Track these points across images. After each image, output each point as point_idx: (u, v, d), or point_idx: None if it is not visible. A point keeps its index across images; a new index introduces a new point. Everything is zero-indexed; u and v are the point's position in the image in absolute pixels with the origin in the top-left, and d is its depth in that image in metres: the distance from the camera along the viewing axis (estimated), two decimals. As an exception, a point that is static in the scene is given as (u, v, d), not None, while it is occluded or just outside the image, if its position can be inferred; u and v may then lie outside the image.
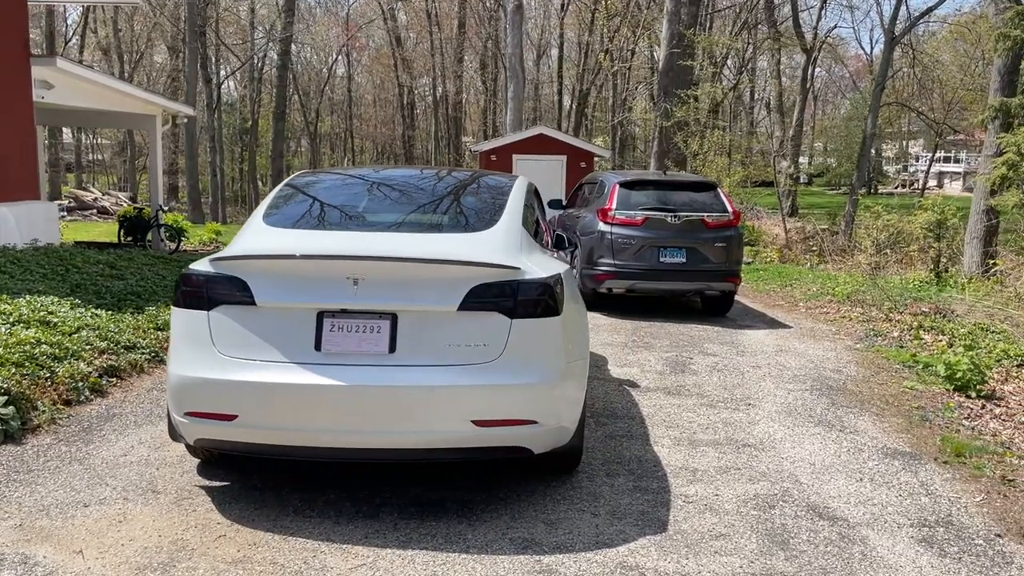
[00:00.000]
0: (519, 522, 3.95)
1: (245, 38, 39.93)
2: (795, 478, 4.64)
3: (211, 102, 35.34)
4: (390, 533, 3.80)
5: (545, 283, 3.91)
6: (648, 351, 8.09)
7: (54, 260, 9.68)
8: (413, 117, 45.62)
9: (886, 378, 7.39)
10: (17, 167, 11.86)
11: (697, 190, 10.68)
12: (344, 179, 5.14)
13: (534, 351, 3.86)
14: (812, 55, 33.25)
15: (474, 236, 4.17)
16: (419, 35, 43.93)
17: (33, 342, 5.74)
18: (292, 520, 3.92)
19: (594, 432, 5.36)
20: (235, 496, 4.18)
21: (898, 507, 4.28)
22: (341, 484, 4.31)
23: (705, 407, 6.08)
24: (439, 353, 3.76)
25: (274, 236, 4.15)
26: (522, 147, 17.43)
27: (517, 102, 22.32)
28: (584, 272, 10.41)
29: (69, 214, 31.40)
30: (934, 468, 4.90)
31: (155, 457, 4.69)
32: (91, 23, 45.28)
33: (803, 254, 19.02)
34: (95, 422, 5.25)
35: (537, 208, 6.12)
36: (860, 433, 5.57)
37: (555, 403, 3.98)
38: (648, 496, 4.32)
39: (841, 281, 13.16)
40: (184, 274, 3.95)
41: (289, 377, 3.70)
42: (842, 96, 64.05)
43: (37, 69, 12.31)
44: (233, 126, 47.37)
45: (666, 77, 22.24)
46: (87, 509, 3.99)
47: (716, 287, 10.26)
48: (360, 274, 3.74)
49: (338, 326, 3.75)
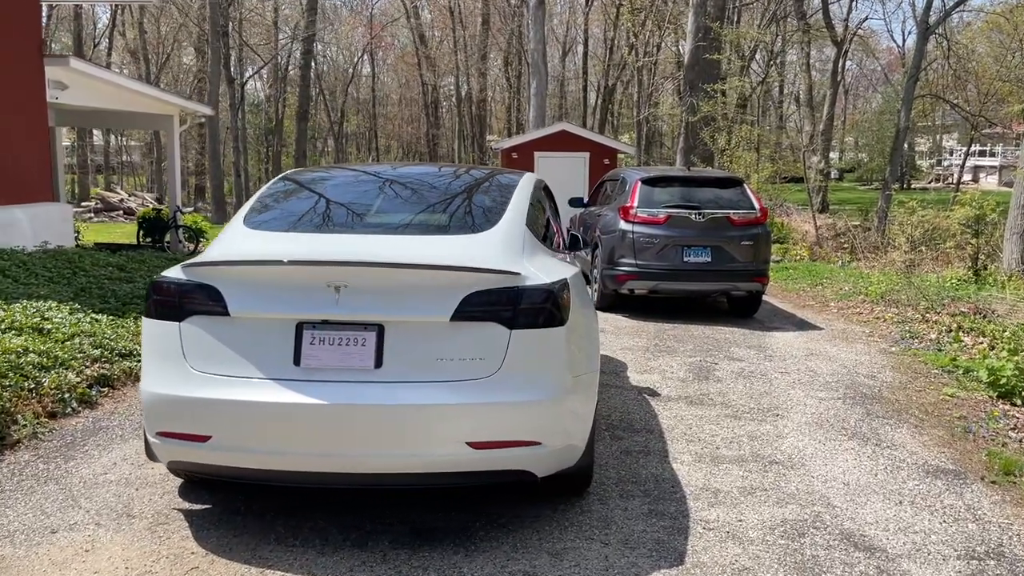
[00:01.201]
0: (521, 552, 3.59)
1: (269, 38, 39.89)
2: (827, 501, 4.24)
3: (234, 102, 35.30)
4: (378, 565, 3.45)
5: (548, 290, 3.54)
6: (671, 356, 7.69)
7: (62, 263, 9.48)
8: (437, 116, 45.35)
9: (924, 384, 6.94)
10: (31, 168, 11.71)
11: (723, 186, 10.25)
12: (337, 177, 4.79)
13: (536, 365, 3.49)
14: (843, 48, 32.48)
15: (471, 238, 3.81)
16: (443, 33, 43.66)
17: (20, 351, 5.47)
18: (273, 549, 3.59)
19: (609, 447, 4.99)
20: (215, 521, 3.86)
21: (942, 535, 3.86)
22: (330, 508, 3.98)
23: (729, 418, 5.68)
24: (430, 368, 3.40)
25: (253, 240, 3.82)
26: (544, 144, 17.04)
27: (540, 99, 21.92)
28: (605, 272, 10.03)
29: (96, 215, 31.54)
30: (981, 489, 4.46)
31: (137, 476, 4.39)
32: (119, 25, 45.55)
33: (834, 251, 18.43)
34: (79, 436, 4.97)
35: (549, 207, 5.74)
36: (898, 447, 5.14)
37: (560, 421, 3.61)
38: (665, 522, 3.94)
39: (874, 280, 12.64)
40: (154, 282, 3.63)
41: (265, 395, 3.37)
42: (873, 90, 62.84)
43: (51, 69, 12.16)
44: (259, 126, 47.43)
45: (692, 71, 21.73)
46: (54, 536, 3.69)
47: (743, 287, 9.83)
48: (343, 281, 3.40)
49: (319, 339, 3.41)
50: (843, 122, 59.67)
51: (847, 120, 60.30)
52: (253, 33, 41.18)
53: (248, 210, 4.16)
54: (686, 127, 21.70)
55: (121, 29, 45.89)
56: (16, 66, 11.30)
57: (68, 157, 43.66)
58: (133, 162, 51.75)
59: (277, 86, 41.64)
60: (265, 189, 4.48)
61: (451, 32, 41.18)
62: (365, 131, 49.56)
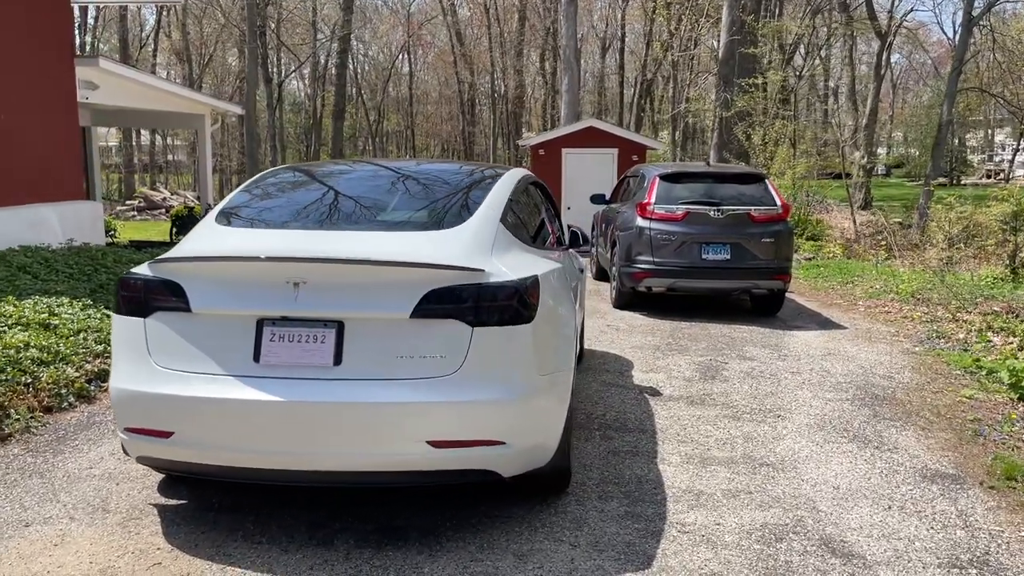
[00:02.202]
0: (486, 553, 3.53)
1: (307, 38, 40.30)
2: (813, 505, 4.10)
3: (271, 102, 35.70)
4: (339, 564, 3.42)
5: (512, 286, 3.47)
6: (681, 355, 7.56)
7: (84, 260, 9.65)
8: (474, 113, 45.40)
9: (942, 386, 6.71)
10: (61, 167, 11.94)
11: (743, 182, 10.05)
12: (318, 174, 4.77)
13: (499, 363, 3.43)
14: (887, 40, 31.75)
15: (438, 234, 3.75)
16: (479, 31, 43.69)
17: (20, 346, 5.56)
18: (238, 546, 3.58)
19: (597, 447, 4.90)
20: (187, 517, 3.86)
21: (927, 542, 3.71)
22: (302, 505, 3.96)
23: (728, 419, 5.54)
24: (389, 366, 3.36)
25: (220, 236, 3.81)
26: (572, 141, 16.90)
27: (572, 95, 21.79)
28: (622, 270, 9.91)
29: (139, 214, 32.22)
30: (978, 494, 4.29)
31: (120, 471, 4.42)
32: (164, 27, 46.43)
33: (870, 249, 18.01)
34: (71, 431, 5.03)
35: (544, 203, 5.68)
36: (899, 451, 4.96)
37: (526, 421, 3.54)
38: (640, 524, 3.85)
39: (905, 278, 12.31)
40: (122, 278, 3.64)
41: (225, 392, 3.35)
42: (923, 84, 61.43)
43: (81, 70, 12.39)
44: (299, 125, 47.96)
45: (726, 66, 21.43)
46: (27, 529, 3.73)
47: (763, 285, 9.63)
48: (302, 277, 3.37)
49: (279, 335, 3.39)
50: (891, 117, 58.46)
51: (895, 115, 59.06)
52: (294, 34, 41.67)
53: (222, 207, 4.16)
54: (720, 123, 21.40)
55: (167, 31, 46.75)
56: (47, 67, 11.53)
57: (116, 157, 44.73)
58: (178, 161, 52.71)
59: (315, 85, 42.04)
60: (244, 186, 4.48)
61: (487, 30, 41.16)
62: (403, 129, 49.83)
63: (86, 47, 39.51)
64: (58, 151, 11.86)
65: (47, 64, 11.55)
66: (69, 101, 12.12)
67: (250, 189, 4.41)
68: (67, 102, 12.07)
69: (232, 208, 4.13)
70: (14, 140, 10.75)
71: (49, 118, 11.63)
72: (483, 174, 4.64)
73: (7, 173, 10.64)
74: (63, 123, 11.98)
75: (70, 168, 12.26)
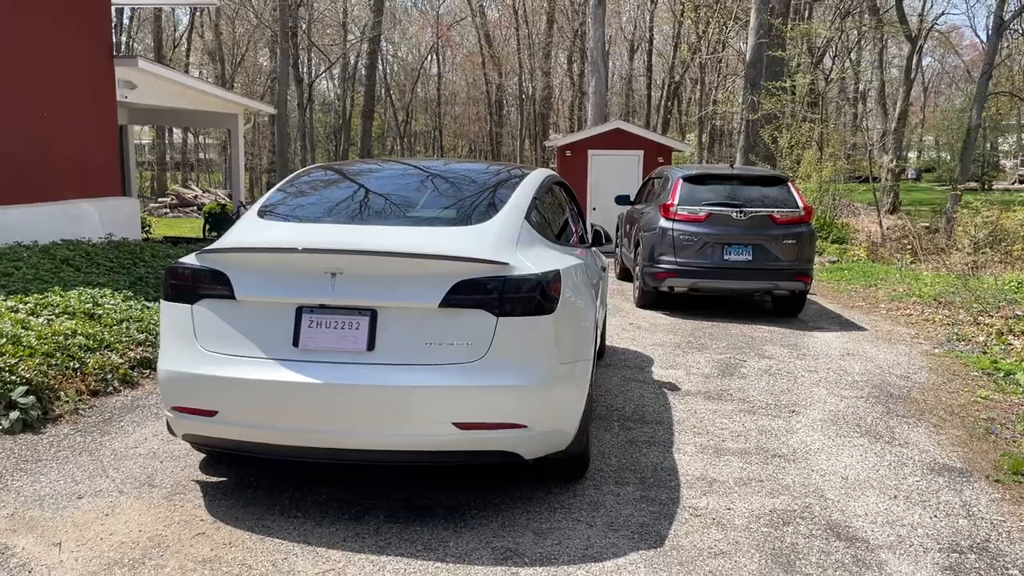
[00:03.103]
0: (507, 530, 3.75)
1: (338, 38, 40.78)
2: (821, 493, 4.27)
3: (301, 102, 36.18)
4: (369, 537, 3.66)
5: (535, 279, 3.68)
6: (701, 352, 7.73)
7: (124, 254, 9.99)
8: (501, 115, 45.68)
9: (959, 386, 6.83)
10: (100, 164, 12.32)
11: (766, 184, 10.20)
12: (351, 172, 5.02)
13: (522, 351, 3.64)
14: (917, 44, 31.59)
15: (466, 230, 3.98)
16: (507, 32, 43.97)
17: (68, 333, 5.86)
18: (276, 519, 3.82)
19: (616, 437, 5.10)
20: (227, 492, 4.12)
21: (929, 529, 3.87)
22: (335, 484, 4.20)
23: (743, 413, 5.72)
24: (419, 351, 3.59)
25: (262, 229, 4.07)
26: (598, 142, 17.07)
27: (599, 97, 21.96)
28: (645, 270, 10.08)
29: (171, 211, 32.77)
30: (983, 487, 4.43)
31: (163, 450, 4.69)
32: (197, 27, 47.14)
33: (895, 253, 18.01)
34: (117, 413, 5.32)
35: (568, 203, 5.89)
36: (909, 446, 5.11)
37: (546, 406, 3.75)
38: (654, 508, 4.04)
39: (927, 281, 12.36)
40: (170, 267, 3.91)
41: (266, 374, 3.60)
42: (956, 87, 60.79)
43: (120, 70, 12.78)
44: (329, 124, 48.49)
45: (753, 68, 21.46)
46: (80, 501, 4.00)
47: (784, 286, 9.76)
48: (339, 268, 3.61)
49: (316, 322, 3.63)
50: (922, 120, 57.96)
51: (927, 118, 58.53)
52: (324, 35, 42.17)
53: (263, 202, 4.41)
54: (746, 125, 21.45)
55: (200, 31, 47.47)
56: (87, 67, 11.92)
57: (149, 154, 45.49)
58: (209, 160, 53.45)
59: (345, 85, 42.53)
60: (283, 183, 4.74)
61: (515, 31, 41.44)
62: (431, 130, 50.23)
63: (121, 47, 40.25)
64: (97, 148, 12.25)
65: (88, 64, 11.93)
66: (108, 100, 12.51)
67: (286, 188, 4.66)
68: (106, 101, 12.46)
69: (272, 204, 4.38)
70: (56, 137, 11.13)
71: (89, 116, 12.01)
72: (509, 174, 4.86)
73: (50, 169, 11.03)
74: (102, 121, 12.37)
75: (108, 165, 12.65)
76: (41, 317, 6.19)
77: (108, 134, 12.56)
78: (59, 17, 11.25)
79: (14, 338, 5.42)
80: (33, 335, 5.59)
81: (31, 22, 10.69)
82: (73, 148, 11.51)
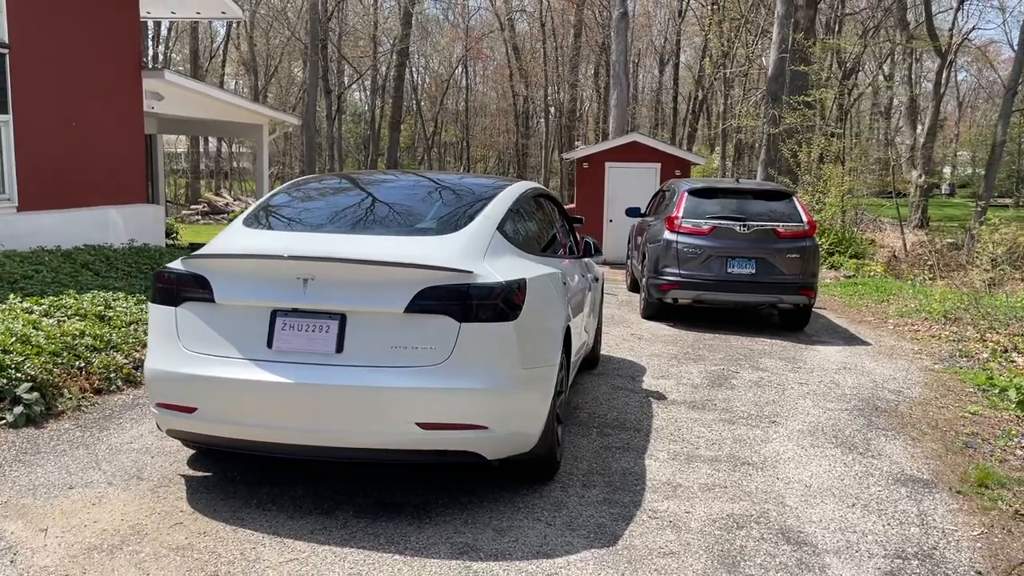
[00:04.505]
0: (468, 527, 3.92)
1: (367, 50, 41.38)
2: (780, 500, 4.39)
3: (330, 113, 36.76)
4: (336, 531, 3.85)
5: (498, 287, 3.86)
6: (695, 363, 7.84)
7: (143, 259, 10.34)
8: (528, 126, 46.01)
9: (950, 402, 6.88)
10: (126, 172, 12.73)
11: (771, 199, 10.30)
12: (336, 184, 5.25)
13: (484, 355, 3.82)
14: (947, 59, 31.36)
15: (437, 239, 4.17)
16: (535, 45, 44.32)
17: (76, 334, 6.14)
18: (251, 512, 4.03)
19: (592, 442, 5.25)
20: (210, 486, 4.34)
21: (879, 536, 3.98)
22: (313, 481, 4.40)
23: (723, 423, 5.84)
24: (385, 354, 3.78)
25: (243, 237, 4.29)
26: (615, 155, 17.21)
27: (620, 110, 22.10)
28: (650, 281, 10.22)
29: (203, 218, 33.45)
30: (943, 498, 4.52)
31: (156, 446, 4.93)
32: (233, 39, 48.08)
33: (912, 269, 17.91)
34: (117, 410, 5.58)
35: (554, 214, 6.06)
36: (881, 457, 5.20)
37: (507, 409, 3.92)
38: (615, 510, 4.19)
39: (939, 297, 12.33)
40: (158, 272, 4.14)
41: (241, 373, 3.82)
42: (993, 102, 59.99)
43: (147, 82, 13.20)
44: (358, 135, 49.12)
45: (775, 83, 21.50)
46: (71, 491, 4.24)
47: (788, 300, 9.83)
48: (310, 274, 3.82)
49: (289, 325, 3.84)
50: (955, 135, 57.30)
51: (960, 134, 57.86)
52: (355, 46, 42.81)
53: (250, 211, 4.65)
54: (767, 139, 21.48)
55: (236, 42, 48.41)
56: (116, 79, 12.35)
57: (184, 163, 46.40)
58: (242, 168, 54.36)
59: (375, 96, 43.10)
60: (272, 193, 4.97)
61: (543, 44, 41.76)
62: (459, 140, 50.70)
63: (159, 58, 41.23)
64: (124, 157, 12.66)
65: (116, 76, 12.36)
66: (135, 110, 12.94)
67: (275, 196, 4.90)
68: (133, 111, 12.89)
69: (256, 213, 4.62)
70: (84, 146, 11.54)
71: (117, 126, 12.43)
72: (490, 186, 5.05)
73: (78, 176, 11.44)
74: (129, 131, 12.79)
75: (134, 173, 13.06)
76: (53, 318, 6.49)
77: (135, 143, 12.98)
78: (91, 32, 11.68)
79: (23, 337, 5.70)
80: (42, 335, 5.88)
81: (65, 37, 11.11)
82: (100, 156, 11.92)
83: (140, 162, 13.28)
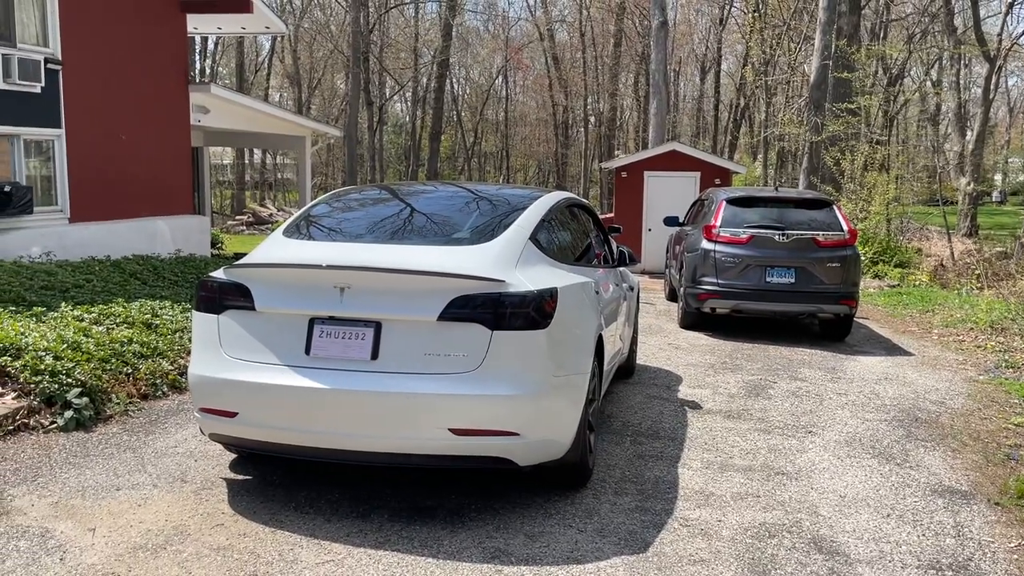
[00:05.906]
0: (501, 532, 3.98)
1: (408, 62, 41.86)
2: (814, 509, 4.38)
3: (371, 124, 37.20)
4: (372, 534, 3.93)
5: (529, 296, 3.93)
6: (733, 373, 7.81)
7: (188, 269, 10.60)
8: (567, 135, 46.09)
9: (993, 413, 6.77)
10: (173, 184, 13.08)
11: (810, 207, 10.21)
12: (373, 195, 5.37)
13: (515, 363, 3.89)
14: (996, 64, 30.74)
15: (470, 249, 4.25)
16: (575, 55, 44.44)
17: (125, 341, 6.34)
18: (289, 515, 4.14)
19: (625, 450, 5.28)
20: (250, 489, 4.46)
21: (914, 547, 3.95)
22: (350, 485, 4.50)
23: (758, 432, 5.82)
24: (419, 361, 3.87)
25: (284, 247, 4.42)
26: (654, 164, 17.18)
27: (659, 118, 22.07)
28: (687, 291, 10.20)
29: (248, 228, 34.04)
30: (981, 509, 4.47)
31: (200, 450, 5.07)
32: (278, 52, 48.94)
33: (959, 278, 17.58)
34: (162, 415, 5.74)
35: (589, 224, 6.12)
36: (919, 468, 5.15)
37: (538, 416, 3.98)
38: (647, 517, 4.22)
39: (985, 307, 12.10)
40: (201, 281, 4.29)
41: (280, 379, 3.93)
42: (1051, 108, 58.64)
43: (194, 95, 13.54)
44: (400, 145, 49.64)
45: (818, 90, 21.29)
46: (118, 492, 4.39)
47: (828, 310, 9.74)
48: (347, 283, 3.93)
49: (327, 332, 3.95)
50: (1007, 142, 56.11)
51: (1011, 140, 56.64)
52: (397, 58, 43.31)
53: (291, 222, 4.78)
54: (810, 147, 21.27)
55: (281, 55, 49.27)
56: (164, 93, 12.70)
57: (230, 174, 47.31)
58: (287, 179, 55.22)
59: (416, 107, 43.54)
60: (311, 204, 5.10)
61: (582, 54, 41.86)
62: (499, 150, 50.97)
63: (206, 72, 42.12)
64: (171, 169, 13.00)
65: (164, 90, 12.71)
66: (182, 124, 13.28)
67: (314, 207, 5.03)
68: (181, 124, 13.23)
69: (296, 223, 4.75)
70: (133, 159, 11.88)
71: (164, 139, 12.78)
72: (524, 196, 5.12)
73: (127, 188, 11.77)
74: (176, 143, 13.13)
75: (181, 184, 13.40)
76: (103, 326, 6.70)
77: (181, 155, 13.31)
78: (140, 48, 12.03)
79: (74, 344, 5.91)
80: (92, 342, 6.08)
81: (114, 53, 11.47)
82: (148, 168, 12.26)
83: (187, 174, 13.62)
